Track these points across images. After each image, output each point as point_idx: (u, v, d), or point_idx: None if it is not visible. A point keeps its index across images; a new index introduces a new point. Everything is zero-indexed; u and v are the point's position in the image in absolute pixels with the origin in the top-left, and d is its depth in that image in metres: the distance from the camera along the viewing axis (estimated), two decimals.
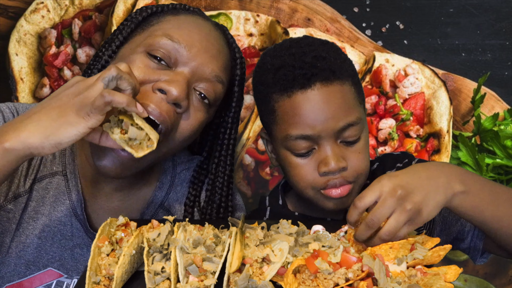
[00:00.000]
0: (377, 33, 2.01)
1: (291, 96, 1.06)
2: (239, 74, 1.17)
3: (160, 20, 1.09)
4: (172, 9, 1.12)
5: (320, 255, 0.81)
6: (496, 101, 2.01)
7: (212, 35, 1.10)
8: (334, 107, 1.05)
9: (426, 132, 2.02)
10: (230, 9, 2.06)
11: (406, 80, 1.98)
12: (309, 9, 2.04)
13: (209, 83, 1.07)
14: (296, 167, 1.09)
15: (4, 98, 2.04)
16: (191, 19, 1.11)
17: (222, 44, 1.13)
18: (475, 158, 1.91)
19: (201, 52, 1.05)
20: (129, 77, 0.89)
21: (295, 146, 1.07)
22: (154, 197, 1.20)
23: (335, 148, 1.06)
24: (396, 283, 0.78)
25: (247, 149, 2.06)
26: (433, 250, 0.86)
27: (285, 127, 1.07)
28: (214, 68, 1.07)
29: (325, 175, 1.06)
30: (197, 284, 0.80)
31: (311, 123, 1.04)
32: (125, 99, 0.87)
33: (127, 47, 1.09)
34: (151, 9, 1.12)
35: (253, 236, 0.91)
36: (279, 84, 1.07)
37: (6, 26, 2.02)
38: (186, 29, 1.06)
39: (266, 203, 1.24)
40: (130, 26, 1.10)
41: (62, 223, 1.10)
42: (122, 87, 0.89)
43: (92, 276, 0.83)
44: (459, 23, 2.00)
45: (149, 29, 1.08)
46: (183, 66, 1.04)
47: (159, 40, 1.04)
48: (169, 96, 1.00)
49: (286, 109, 1.07)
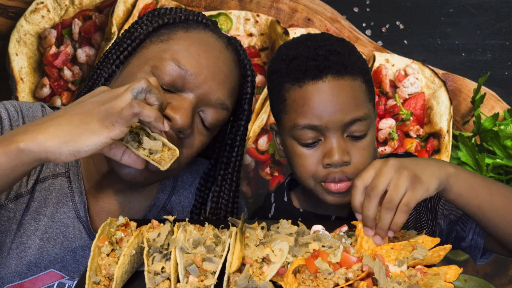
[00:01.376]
0: (377, 33, 2.01)
1: (302, 86, 1.08)
2: (249, 92, 1.16)
3: (170, 37, 1.06)
4: (184, 21, 1.09)
5: (320, 255, 0.81)
6: (496, 101, 2.01)
7: (221, 57, 1.08)
8: (344, 100, 1.07)
9: (426, 132, 2.02)
10: (230, 9, 2.06)
11: (406, 80, 1.98)
12: (309, 9, 2.04)
13: (213, 109, 1.06)
14: (300, 157, 1.10)
15: (4, 98, 2.03)
16: (202, 37, 1.08)
17: (232, 65, 1.11)
18: (475, 158, 1.91)
19: (209, 79, 1.04)
20: (158, 92, 0.88)
21: (302, 135, 1.09)
22: (156, 200, 1.19)
23: (340, 141, 1.07)
24: (396, 283, 0.78)
25: (247, 149, 2.06)
26: (433, 250, 0.86)
27: (294, 116, 1.09)
28: (220, 95, 1.06)
29: (327, 167, 1.08)
30: (197, 284, 0.80)
31: (319, 114, 1.06)
32: (154, 113, 0.84)
33: (135, 61, 1.07)
34: (162, 20, 1.08)
35: (253, 236, 0.91)
36: (291, 74, 1.10)
37: (6, 26, 2.02)
38: (195, 53, 1.04)
39: (271, 200, 1.25)
40: (140, 36, 1.08)
41: (65, 224, 1.10)
42: (150, 101, 0.87)
43: (92, 276, 0.83)
44: (459, 23, 2.00)
45: (158, 45, 1.06)
46: (189, 92, 1.03)
47: (167, 64, 1.02)
48: (174, 124, 1.00)
49: (296, 98, 1.09)
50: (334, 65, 1.08)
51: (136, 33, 1.09)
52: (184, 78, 1.02)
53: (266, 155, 2.06)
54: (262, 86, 2.06)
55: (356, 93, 1.09)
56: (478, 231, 1.12)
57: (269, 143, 2.06)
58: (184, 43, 1.05)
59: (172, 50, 1.04)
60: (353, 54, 1.13)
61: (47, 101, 2.05)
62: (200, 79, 1.03)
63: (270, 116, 2.05)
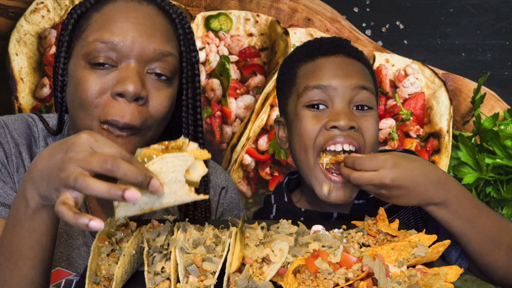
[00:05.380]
0: (377, 33, 2.01)
1: (314, 60, 1.15)
2: (181, 33, 1.14)
3: (87, 22, 1.08)
4: (96, 3, 1.10)
5: (320, 255, 0.81)
6: (496, 101, 2.01)
7: (140, 13, 1.08)
8: (353, 70, 1.14)
9: (426, 132, 2.02)
10: (230, 9, 2.06)
11: (406, 80, 1.98)
12: (309, 9, 2.04)
13: (158, 62, 1.06)
14: (305, 120, 1.11)
15: (4, 98, 2.04)
16: (115, 7, 1.09)
17: (154, 15, 1.10)
18: (475, 158, 1.91)
19: (137, 38, 1.04)
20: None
21: (310, 96, 1.11)
22: None
23: (347, 109, 1.10)
24: (396, 283, 0.78)
25: (247, 149, 2.06)
26: (432, 247, 0.86)
27: (305, 81, 1.13)
28: (155, 46, 1.06)
29: (332, 129, 1.08)
30: (197, 284, 0.80)
31: (329, 77, 1.11)
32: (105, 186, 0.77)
33: (72, 62, 1.08)
34: (76, 13, 1.10)
35: (253, 236, 0.91)
36: (304, 52, 1.18)
37: (6, 26, 2.02)
38: (113, 23, 1.05)
39: (271, 201, 1.25)
40: (65, 39, 1.10)
41: (68, 224, 1.10)
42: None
43: (92, 276, 0.83)
44: (459, 23, 2.00)
45: (82, 36, 1.08)
46: (127, 59, 1.04)
47: (93, 47, 1.03)
48: (128, 95, 1.01)
49: (308, 69, 1.15)
50: (347, 48, 1.17)
51: (63, 38, 1.11)
52: (114, 49, 1.03)
53: (266, 155, 2.06)
54: (262, 86, 2.06)
55: (364, 71, 1.16)
56: (464, 255, 1.11)
57: (269, 143, 2.06)
58: (100, 21, 1.07)
59: (93, 33, 1.05)
60: (363, 55, 1.21)
61: (47, 101, 2.05)
62: (128, 42, 1.03)
63: (270, 116, 2.05)
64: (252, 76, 2.07)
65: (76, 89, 1.04)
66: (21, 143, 1.09)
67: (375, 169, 0.97)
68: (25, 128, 1.11)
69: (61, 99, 1.11)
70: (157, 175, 0.79)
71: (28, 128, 1.12)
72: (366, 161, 0.98)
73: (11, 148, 1.08)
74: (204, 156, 0.84)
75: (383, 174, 0.96)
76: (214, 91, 2.07)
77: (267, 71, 2.07)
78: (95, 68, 1.03)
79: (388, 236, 0.94)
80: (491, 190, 1.95)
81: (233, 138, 2.07)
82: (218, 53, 2.07)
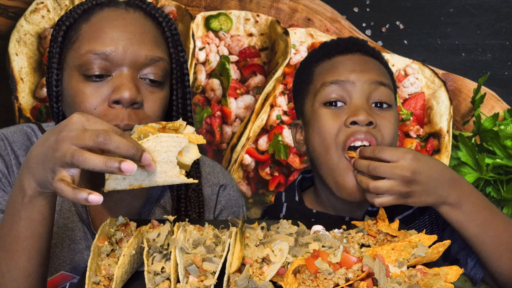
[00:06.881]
0: (377, 33, 2.01)
1: (331, 58, 1.16)
2: (169, 36, 1.15)
3: (77, 33, 1.09)
4: (84, 12, 1.12)
5: (320, 255, 0.80)
6: (496, 101, 2.01)
7: (128, 21, 1.10)
8: (370, 67, 1.13)
9: (426, 132, 2.02)
10: (230, 9, 2.06)
11: (406, 80, 1.98)
12: (309, 9, 2.04)
13: (149, 67, 1.08)
14: (324, 118, 1.10)
15: (4, 98, 2.04)
16: (103, 17, 1.10)
17: (142, 21, 1.12)
18: (475, 158, 1.91)
19: (128, 46, 1.06)
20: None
21: (327, 92, 1.11)
22: (150, 195, 1.20)
23: (365, 105, 1.09)
24: (396, 283, 0.78)
25: (247, 149, 2.06)
26: (432, 247, 0.86)
27: (322, 78, 1.13)
28: (146, 53, 1.07)
29: (352, 126, 1.07)
30: (197, 284, 0.80)
31: (347, 72, 1.11)
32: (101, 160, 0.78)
33: (65, 73, 1.09)
34: (64, 24, 1.11)
35: (253, 236, 0.91)
36: (321, 52, 1.19)
37: (6, 26, 2.02)
38: (103, 33, 1.06)
39: (282, 199, 1.23)
40: (56, 51, 1.11)
41: (70, 228, 1.11)
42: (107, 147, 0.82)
43: (92, 276, 0.83)
44: (459, 23, 2.00)
45: (73, 47, 1.08)
46: (120, 67, 1.05)
47: (86, 59, 1.04)
48: (125, 101, 1.02)
49: (325, 66, 1.15)
50: (364, 46, 1.17)
51: (54, 50, 1.12)
52: (107, 59, 1.04)
53: (266, 155, 2.06)
54: (262, 86, 2.06)
55: (382, 69, 1.16)
56: (479, 264, 1.09)
57: (269, 143, 2.06)
58: (90, 32, 1.08)
59: (84, 44, 1.06)
60: (381, 55, 1.21)
61: (47, 101, 2.05)
62: (120, 51, 1.05)
63: (270, 116, 2.05)
64: (252, 76, 2.07)
65: (73, 101, 1.05)
66: (20, 155, 1.11)
67: (395, 159, 0.97)
68: (24, 140, 1.14)
69: (57, 109, 1.12)
70: (150, 152, 0.80)
71: (27, 140, 1.14)
72: (387, 150, 0.98)
73: (12, 160, 1.10)
74: (199, 141, 0.86)
75: (404, 165, 0.96)
76: (214, 91, 2.07)
77: (267, 71, 2.07)
78: (89, 80, 1.04)
79: (388, 236, 0.94)
80: (491, 190, 1.95)
81: (233, 138, 2.07)
82: (218, 53, 2.07)
